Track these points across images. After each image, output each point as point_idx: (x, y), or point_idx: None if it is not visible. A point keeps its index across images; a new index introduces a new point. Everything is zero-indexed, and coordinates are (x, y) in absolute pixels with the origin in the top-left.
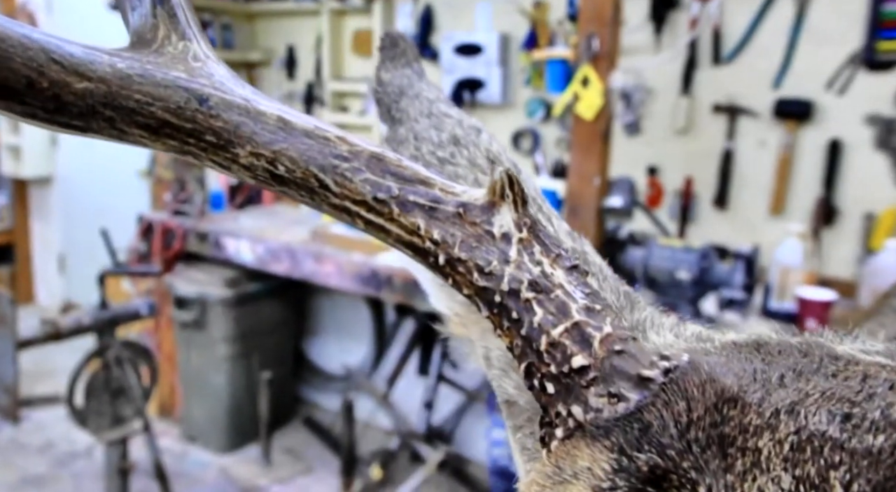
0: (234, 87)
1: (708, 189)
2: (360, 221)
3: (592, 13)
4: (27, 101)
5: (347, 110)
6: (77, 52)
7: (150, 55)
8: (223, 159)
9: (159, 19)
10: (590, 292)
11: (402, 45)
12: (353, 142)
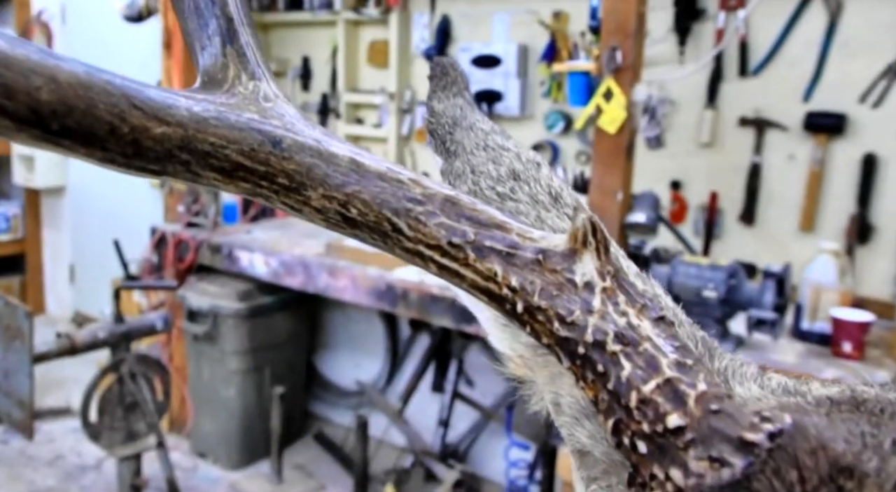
0: (304, 127)
1: (734, 204)
2: (433, 266)
3: (615, 25)
4: (108, 147)
5: (363, 122)
6: (156, 97)
7: (223, 96)
8: (295, 202)
9: (229, 58)
10: (679, 346)
11: (452, 73)
12: (426, 185)
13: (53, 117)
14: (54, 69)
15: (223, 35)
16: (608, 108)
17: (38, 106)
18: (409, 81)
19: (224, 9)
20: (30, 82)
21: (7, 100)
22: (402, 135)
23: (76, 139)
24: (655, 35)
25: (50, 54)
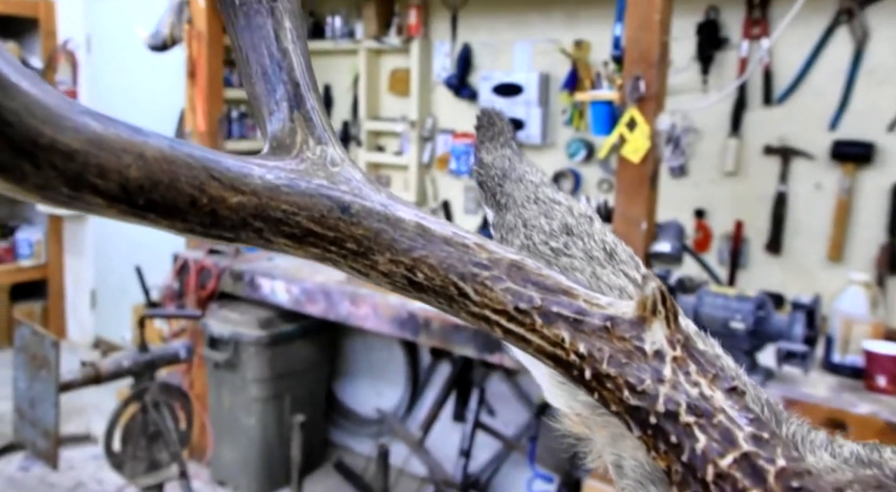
0: (371, 192)
1: (759, 234)
2: (499, 330)
3: (639, 55)
4: (189, 219)
5: (384, 150)
6: (232, 166)
7: (293, 162)
8: (362, 266)
9: (296, 123)
10: (754, 418)
11: (499, 123)
12: (491, 249)
13: (140, 193)
14: (142, 146)
15: (290, 100)
16: (632, 138)
17: (128, 183)
18: (430, 109)
19: (291, 74)
20: (121, 161)
21: (100, 179)
22: (423, 163)
23: (160, 212)
24: (678, 64)
25: (137, 131)
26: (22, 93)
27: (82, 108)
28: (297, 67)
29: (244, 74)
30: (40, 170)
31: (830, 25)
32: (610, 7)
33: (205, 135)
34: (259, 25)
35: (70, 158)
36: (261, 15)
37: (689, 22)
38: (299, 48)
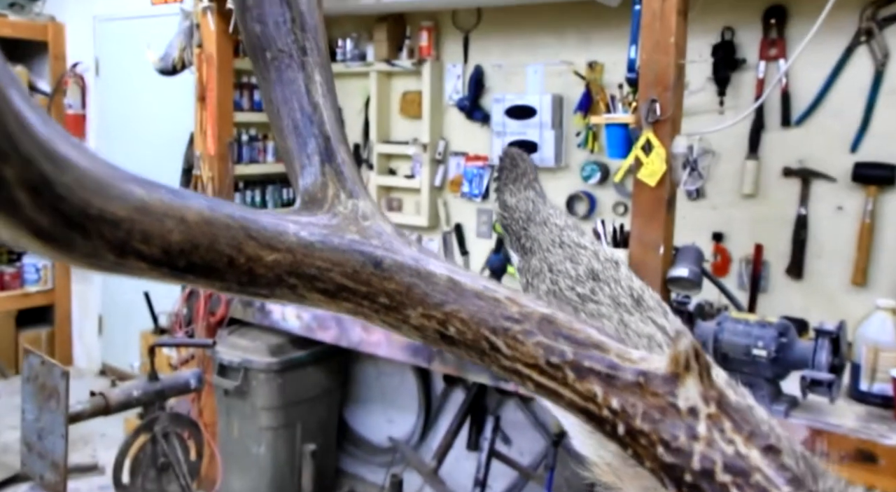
0: (402, 246)
1: (780, 257)
2: (530, 384)
3: (654, 77)
4: (227, 278)
5: (395, 173)
6: (268, 225)
7: (325, 217)
8: (394, 320)
9: (328, 177)
10: (791, 478)
11: (522, 165)
12: (522, 303)
13: (181, 256)
14: (183, 209)
15: (321, 154)
16: (648, 161)
17: (170, 247)
18: (441, 132)
19: (322, 128)
20: (164, 226)
21: (144, 245)
22: (435, 185)
23: (199, 273)
24: (694, 85)
25: (177, 194)
26: (73, 166)
27: (127, 175)
28: (327, 121)
29: (275, 127)
30: (89, 239)
31: (850, 46)
32: (623, 29)
33: (214, 158)
34: (291, 79)
35: (117, 227)
36: (292, 69)
37: (705, 43)
38: (329, 102)
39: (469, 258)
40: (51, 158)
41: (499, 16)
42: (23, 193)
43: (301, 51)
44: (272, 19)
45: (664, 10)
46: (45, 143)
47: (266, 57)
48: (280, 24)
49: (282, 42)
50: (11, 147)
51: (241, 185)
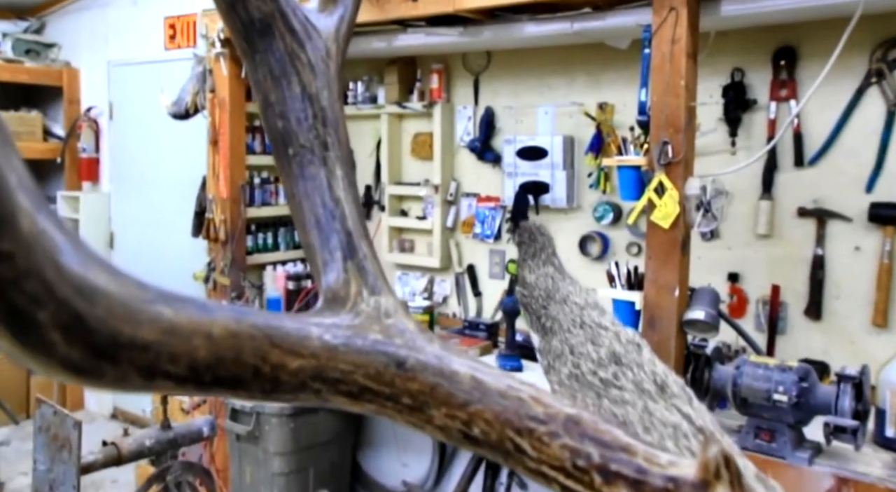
0: (425, 343)
1: (798, 298)
2: (557, 486)
3: (665, 120)
4: (252, 388)
5: (407, 214)
6: (291, 330)
7: (348, 316)
8: (418, 420)
9: (350, 274)
10: None
11: (540, 238)
12: (548, 403)
13: (207, 371)
14: (210, 325)
15: (343, 249)
16: (661, 203)
17: (196, 364)
18: (453, 173)
19: (344, 223)
20: (191, 344)
21: (171, 365)
22: (447, 227)
23: (225, 386)
24: (705, 126)
25: (204, 308)
26: (104, 295)
27: (156, 295)
28: (349, 216)
29: (298, 221)
30: (118, 367)
31: (860, 87)
32: (633, 70)
33: (227, 201)
34: (313, 174)
35: (146, 351)
36: (314, 164)
37: (715, 84)
38: (351, 195)
39: (482, 299)
40: (84, 293)
41: (508, 58)
42: (56, 333)
43: (322, 146)
44: (294, 115)
45: (674, 54)
46: (79, 279)
47: (288, 152)
48: (302, 120)
49: (304, 138)
50: (48, 293)
51: (253, 227)
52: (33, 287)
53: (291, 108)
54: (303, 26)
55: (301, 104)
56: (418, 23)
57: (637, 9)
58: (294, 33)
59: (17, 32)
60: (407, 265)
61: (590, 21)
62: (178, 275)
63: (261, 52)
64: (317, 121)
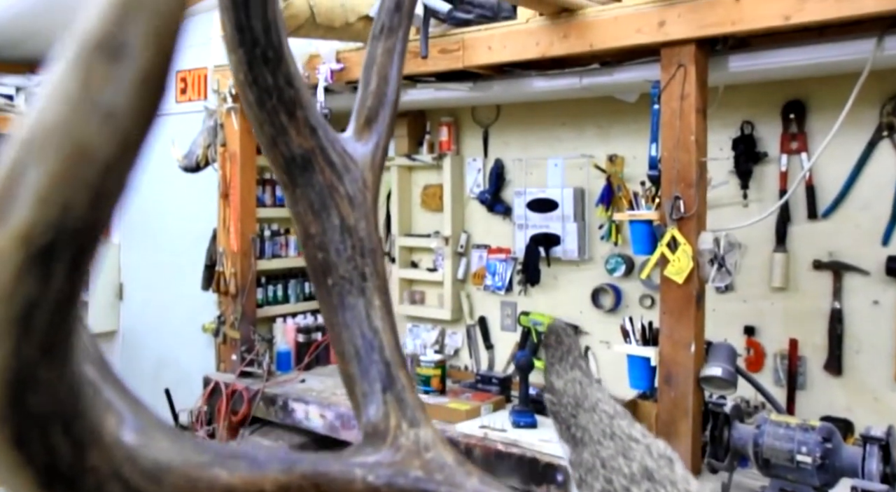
0: (464, 478)
1: (817, 352)
2: None
3: (676, 174)
4: None
5: (417, 266)
6: (337, 475)
7: (388, 452)
8: None
9: (389, 406)
10: None
11: (566, 341)
12: None
13: None
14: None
15: (383, 380)
16: (674, 258)
17: None
18: (463, 225)
19: (382, 354)
20: None
21: None
22: (458, 278)
23: None
24: (716, 179)
25: (255, 463)
26: (167, 470)
27: (211, 457)
28: (387, 347)
29: (337, 351)
30: None
31: (871, 140)
32: (641, 122)
33: (238, 255)
34: (351, 305)
35: None
36: (352, 294)
37: (725, 136)
38: (388, 324)
39: (494, 352)
40: (150, 474)
41: (517, 111)
42: None
43: (361, 276)
44: (333, 247)
45: (683, 110)
46: (144, 460)
47: (328, 283)
48: (341, 251)
49: (343, 269)
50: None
51: (264, 280)
52: (98, 480)
53: (331, 239)
54: (341, 159)
55: (340, 236)
56: (428, 78)
57: (645, 64)
58: (333, 166)
59: (31, 86)
60: (418, 317)
61: (598, 76)
62: (188, 327)
63: (301, 186)
64: (355, 252)
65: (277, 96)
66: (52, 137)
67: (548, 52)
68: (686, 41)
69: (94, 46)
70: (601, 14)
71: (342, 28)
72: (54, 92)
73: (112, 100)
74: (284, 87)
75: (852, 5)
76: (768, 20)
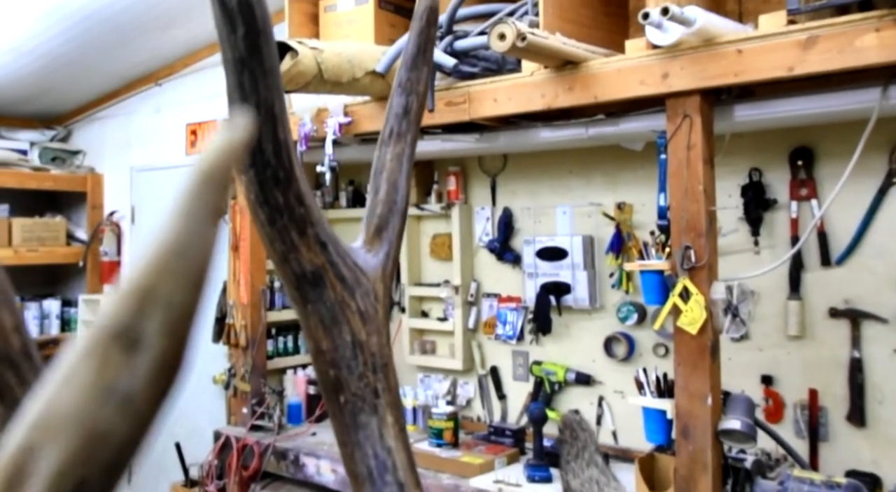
0: None
1: (838, 403)
2: None
3: (686, 224)
4: None
5: (427, 315)
6: None
7: None
8: None
9: None
10: None
11: (582, 436)
12: None
13: None
14: None
15: None
16: (687, 309)
17: None
18: (473, 273)
19: (395, 474)
20: None
21: None
22: (469, 328)
23: None
24: (726, 227)
25: None
26: None
27: None
28: (401, 467)
29: (349, 471)
30: None
31: (882, 187)
32: (649, 170)
33: (247, 307)
34: (364, 423)
35: None
36: (365, 412)
37: (733, 183)
38: (402, 443)
39: (507, 402)
40: None
41: (524, 160)
42: None
43: (373, 393)
44: (345, 363)
45: (690, 160)
46: None
47: (340, 400)
48: (353, 367)
49: (355, 386)
50: None
51: (274, 331)
52: None
53: (342, 355)
54: (352, 273)
55: (351, 352)
56: (435, 130)
57: (650, 114)
58: (344, 281)
59: (44, 141)
60: (429, 367)
61: (604, 127)
62: (199, 379)
63: (312, 302)
64: (367, 368)
65: (288, 215)
66: (67, 421)
67: (553, 104)
68: (690, 92)
69: (110, 337)
70: (605, 66)
71: (349, 83)
72: (70, 379)
73: (128, 387)
74: (295, 205)
75: (855, 56)
76: (771, 71)
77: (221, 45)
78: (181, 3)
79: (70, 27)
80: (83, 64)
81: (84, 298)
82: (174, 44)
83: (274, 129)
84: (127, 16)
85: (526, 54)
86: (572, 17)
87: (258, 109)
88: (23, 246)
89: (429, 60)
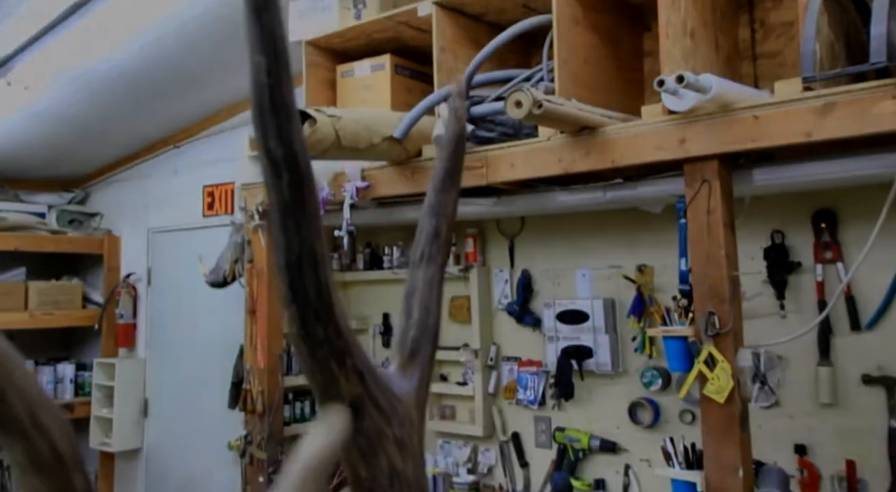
0: None
1: (877, 474)
2: None
3: (708, 290)
4: None
5: (447, 379)
6: None
7: None
8: None
9: None
10: None
11: None
12: None
13: None
14: None
15: None
16: (713, 376)
17: None
18: (492, 337)
19: None
20: None
21: None
22: (489, 392)
23: None
24: (750, 291)
25: None
26: None
27: None
28: None
29: None
30: None
31: None
32: (669, 232)
33: (264, 372)
34: None
35: None
36: None
37: (756, 246)
38: None
39: (529, 470)
40: None
41: (542, 222)
42: None
43: None
44: None
45: (710, 224)
46: None
47: None
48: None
49: None
50: None
51: (291, 396)
52: None
53: (380, 485)
54: (388, 401)
55: (388, 481)
56: None
57: (669, 178)
58: (381, 411)
59: (62, 204)
60: (448, 433)
61: (622, 191)
62: (213, 443)
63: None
64: None
65: (328, 347)
66: None
67: (570, 168)
68: (708, 157)
69: None
70: (621, 132)
71: (367, 149)
72: None
73: None
74: (334, 338)
75: (873, 123)
76: (789, 137)
77: (267, 189)
78: (198, 68)
79: (92, 94)
80: (103, 129)
81: (98, 362)
82: (192, 107)
83: (315, 269)
84: (146, 81)
85: (542, 121)
86: (587, 81)
87: (301, 251)
88: (39, 310)
89: (457, 184)
